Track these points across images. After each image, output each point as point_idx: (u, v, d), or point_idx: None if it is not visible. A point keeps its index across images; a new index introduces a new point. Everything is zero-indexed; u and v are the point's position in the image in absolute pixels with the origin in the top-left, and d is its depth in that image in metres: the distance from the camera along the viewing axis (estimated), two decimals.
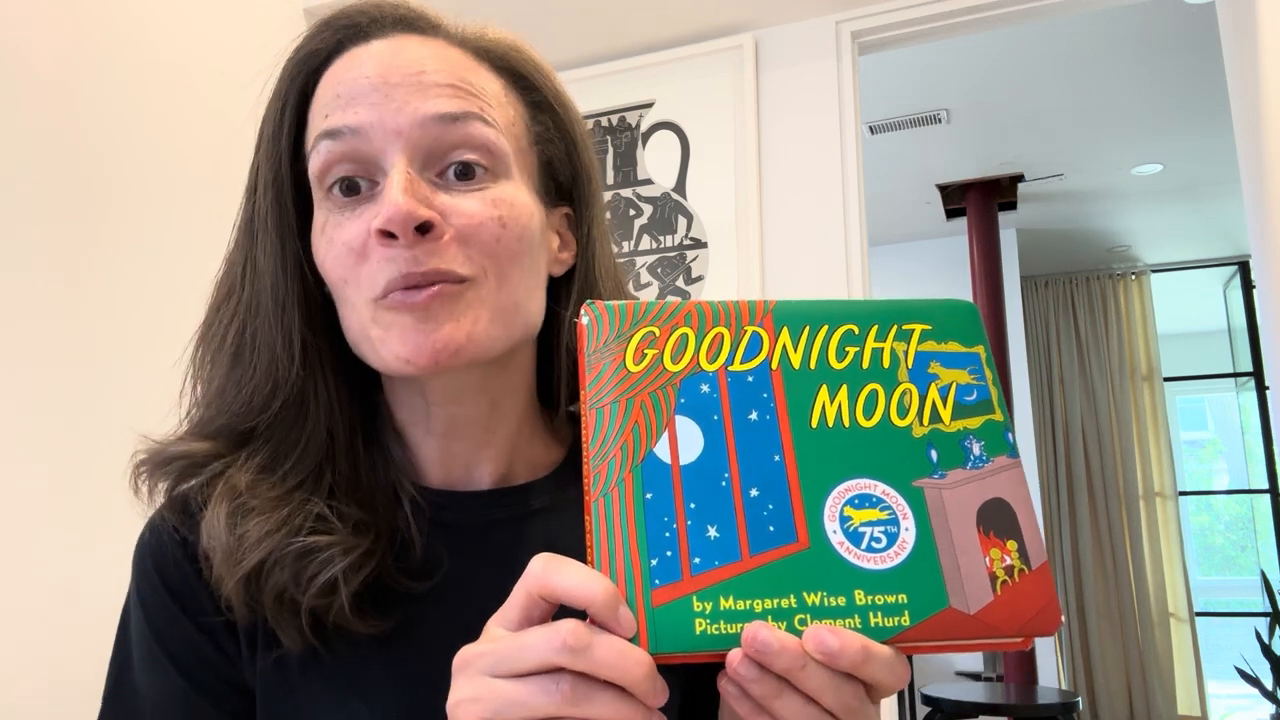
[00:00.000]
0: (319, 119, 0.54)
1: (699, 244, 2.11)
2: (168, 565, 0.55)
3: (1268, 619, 4.51)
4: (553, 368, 0.65)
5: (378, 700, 0.53)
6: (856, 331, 0.44)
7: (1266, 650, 4.31)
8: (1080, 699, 3.44)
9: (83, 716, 1.32)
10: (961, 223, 4.72)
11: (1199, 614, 5.36)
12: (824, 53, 2.11)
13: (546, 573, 0.38)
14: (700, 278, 2.09)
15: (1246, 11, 1.68)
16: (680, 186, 2.16)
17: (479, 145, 0.54)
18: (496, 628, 0.39)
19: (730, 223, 2.08)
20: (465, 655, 0.39)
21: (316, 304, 0.57)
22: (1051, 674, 4.66)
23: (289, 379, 0.55)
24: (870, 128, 3.75)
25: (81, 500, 1.39)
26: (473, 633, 0.41)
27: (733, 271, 2.06)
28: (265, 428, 0.56)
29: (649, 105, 2.21)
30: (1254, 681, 4.30)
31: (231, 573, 0.51)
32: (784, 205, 2.08)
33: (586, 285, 0.63)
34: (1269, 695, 4.30)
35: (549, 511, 0.62)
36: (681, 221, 2.14)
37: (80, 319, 1.43)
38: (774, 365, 0.43)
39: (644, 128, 2.21)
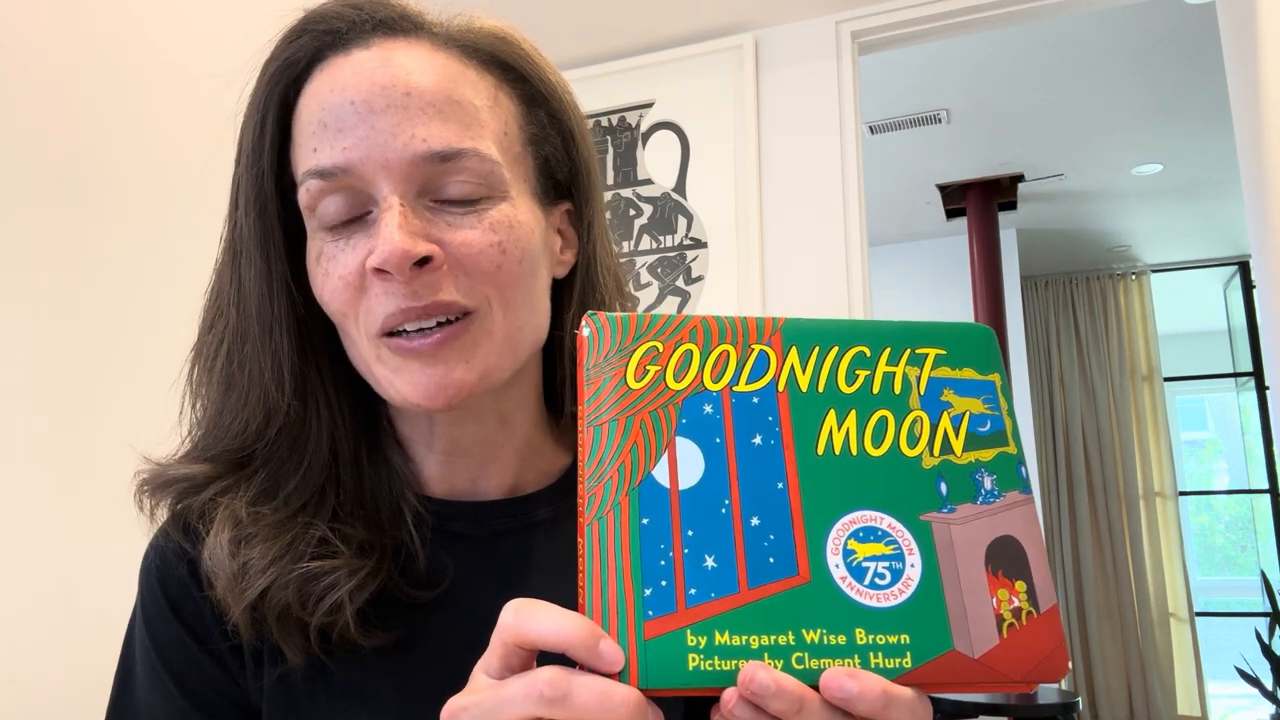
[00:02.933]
0: (306, 150, 0.52)
1: (699, 244, 2.11)
2: (172, 584, 0.55)
3: (1268, 619, 4.51)
4: (556, 371, 0.64)
5: (383, 714, 0.53)
6: (868, 354, 0.42)
7: (1266, 650, 4.31)
8: (1080, 699, 3.44)
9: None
10: (961, 223, 4.71)
11: (1199, 614, 5.36)
12: (824, 53, 2.11)
13: (519, 621, 0.36)
14: (700, 278, 2.09)
15: (1246, 11, 1.68)
16: (680, 186, 2.16)
17: (474, 176, 0.52)
18: (480, 675, 0.38)
19: (730, 223, 2.08)
20: (451, 708, 0.38)
21: (309, 324, 0.55)
22: None
23: (282, 408, 0.54)
24: (870, 128, 3.75)
25: (80, 504, 1.39)
26: (477, 645, 0.40)
27: (733, 271, 2.06)
28: (263, 453, 0.55)
29: (649, 105, 2.21)
30: (1254, 681, 4.30)
31: (237, 600, 0.51)
32: (784, 205, 2.07)
33: (588, 284, 0.62)
34: (1269, 695, 4.30)
35: (555, 521, 0.61)
36: (681, 221, 2.14)
37: (78, 320, 1.43)
38: (781, 387, 0.40)
39: (644, 128, 2.20)
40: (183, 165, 1.66)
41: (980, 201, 4.41)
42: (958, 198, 4.52)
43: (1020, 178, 4.32)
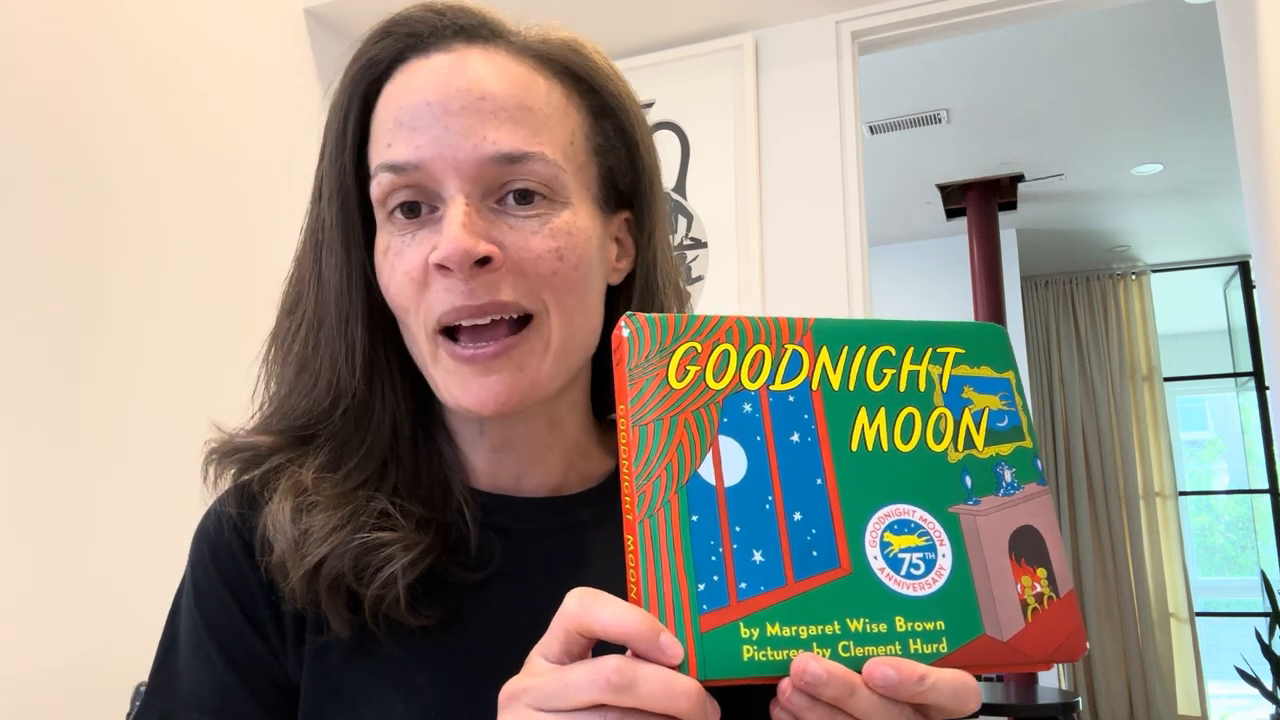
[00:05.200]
0: (381, 145, 0.54)
1: (699, 244, 2.11)
2: (223, 554, 0.56)
3: (1268, 619, 4.51)
4: (607, 377, 0.65)
5: (416, 695, 0.54)
6: (893, 353, 0.44)
7: (1266, 650, 4.32)
8: (1080, 699, 3.44)
9: (96, 715, 1.32)
10: (961, 223, 4.72)
11: (1199, 614, 5.36)
12: (824, 53, 2.11)
13: (583, 609, 0.38)
14: (700, 278, 2.09)
15: (1246, 11, 1.68)
16: (680, 186, 2.16)
17: (538, 180, 0.54)
18: (539, 659, 0.39)
19: (730, 223, 2.08)
20: (511, 688, 0.39)
21: (381, 312, 0.58)
22: (1051, 674, 4.66)
23: (350, 391, 0.56)
24: (870, 128, 3.75)
25: (96, 502, 1.39)
26: (515, 635, 0.41)
27: (733, 272, 2.06)
28: (328, 431, 0.57)
29: (649, 105, 2.21)
30: (1254, 681, 4.30)
31: (296, 566, 0.52)
32: (784, 205, 2.07)
33: (647, 292, 0.63)
34: (1269, 695, 4.31)
35: (598, 523, 0.62)
36: (681, 221, 2.14)
37: (96, 321, 1.43)
38: (814, 385, 0.42)
39: None
40: (178, 159, 1.66)
41: (980, 201, 4.42)
42: (958, 198, 4.52)
43: (1020, 178, 4.32)
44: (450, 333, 0.54)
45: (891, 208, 4.65)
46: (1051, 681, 4.62)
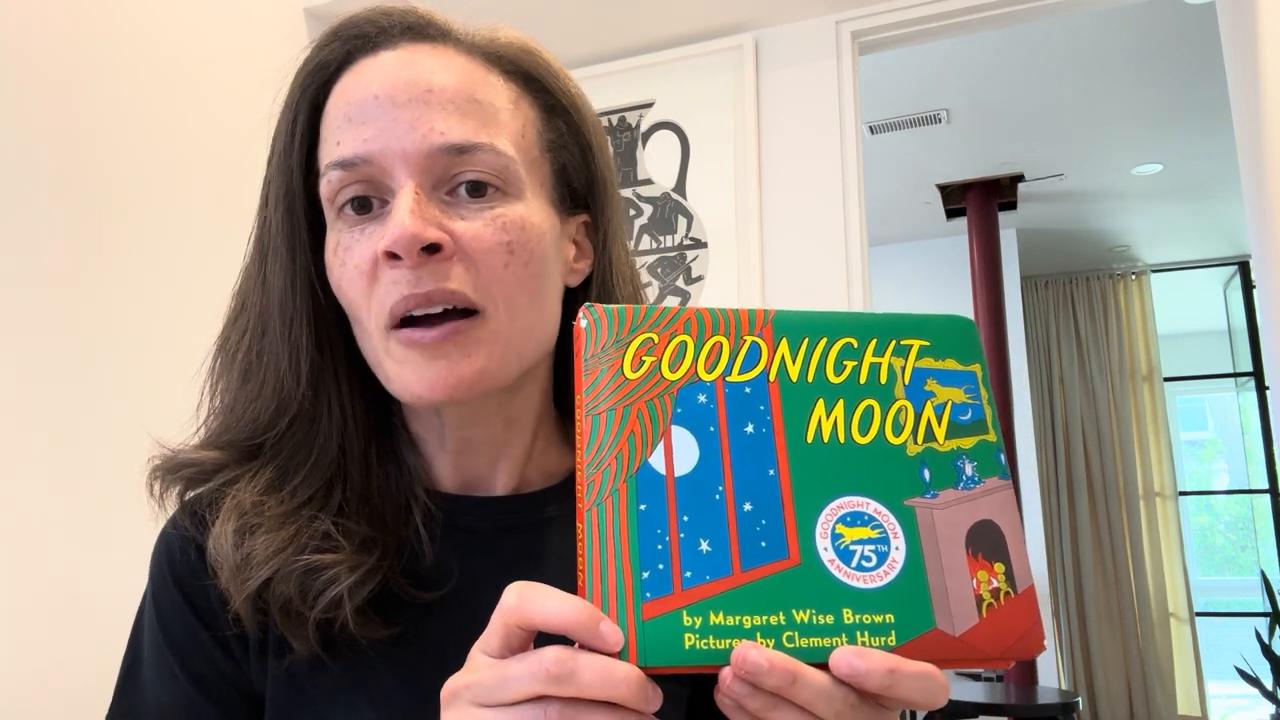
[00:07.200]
0: (330, 144, 0.54)
1: (699, 244, 2.11)
2: (182, 569, 0.56)
3: (1268, 619, 4.51)
4: (569, 375, 0.65)
5: (385, 705, 0.54)
6: (855, 345, 0.43)
7: (1266, 650, 4.32)
8: (1080, 699, 3.44)
9: (82, 718, 1.32)
10: (961, 223, 4.71)
11: (1199, 614, 5.36)
12: (824, 53, 2.11)
13: (522, 602, 0.37)
14: (700, 278, 2.09)
15: (1246, 11, 1.68)
16: (680, 186, 2.16)
17: (489, 170, 0.53)
18: (479, 655, 0.39)
19: (730, 223, 2.08)
20: (453, 685, 0.39)
21: (328, 320, 0.57)
22: (1051, 674, 4.66)
23: (295, 399, 0.56)
24: (870, 128, 3.75)
25: (84, 505, 1.39)
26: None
27: (733, 271, 2.06)
28: (273, 444, 0.56)
29: (649, 105, 2.21)
30: (1254, 681, 4.30)
31: (239, 590, 0.52)
32: (784, 205, 2.07)
33: (603, 294, 0.63)
34: (1269, 695, 4.31)
35: (562, 519, 0.62)
36: (681, 221, 2.14)
37: (81, 323, 1.43)
38: (772, 377, 0.42)
39: (644, 128, 2.21)
40: (178, 160, 1.66)
41: (980, 201, 4.42)
42: (958, 198, 4.52)
43: (1020, 178, 4.32)
44: (403, 327, 0.53)
45: (891, 208, 4.65)
46: (1051, 681, 4.62)
